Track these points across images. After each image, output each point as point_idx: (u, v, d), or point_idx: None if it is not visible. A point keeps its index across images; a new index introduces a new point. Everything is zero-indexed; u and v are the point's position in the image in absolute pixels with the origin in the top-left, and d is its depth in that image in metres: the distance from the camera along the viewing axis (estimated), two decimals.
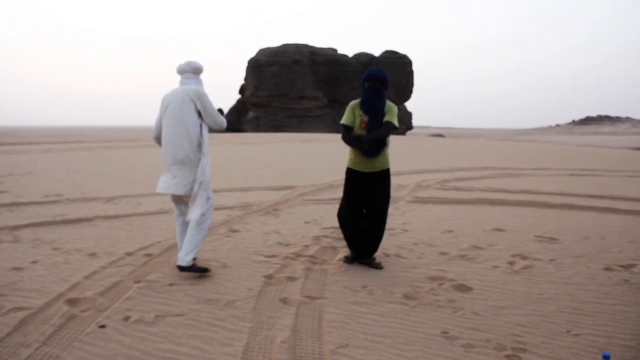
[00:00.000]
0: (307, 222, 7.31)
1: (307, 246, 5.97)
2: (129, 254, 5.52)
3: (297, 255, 5.58)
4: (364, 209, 5.33)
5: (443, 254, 5.78)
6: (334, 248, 5.92)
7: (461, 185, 11.42)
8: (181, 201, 5.10)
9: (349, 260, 5.35)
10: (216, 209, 8.06)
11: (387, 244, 6.13)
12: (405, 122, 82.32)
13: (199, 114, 4.94)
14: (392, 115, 5.14)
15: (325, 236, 6.48)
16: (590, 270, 5.28)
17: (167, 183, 4.91)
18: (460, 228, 7.10)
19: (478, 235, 6.69)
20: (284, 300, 4.22)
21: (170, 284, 4.58)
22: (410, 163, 17.38)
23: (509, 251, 5.91)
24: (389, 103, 5.21)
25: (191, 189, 4.87)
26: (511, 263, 5.47)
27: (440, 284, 4.72)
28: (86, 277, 4.73)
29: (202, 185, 4.86)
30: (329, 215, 7.79)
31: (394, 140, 35.91)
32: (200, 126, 4.94)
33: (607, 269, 5.34)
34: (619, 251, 6.04)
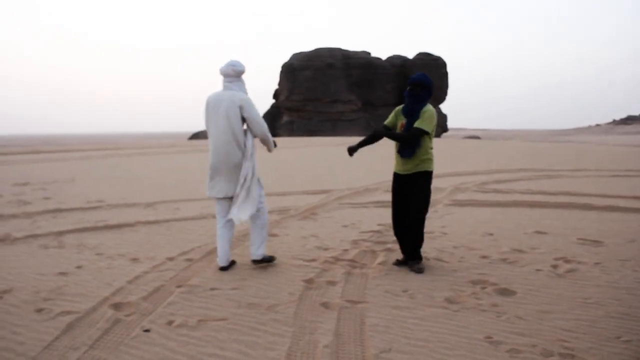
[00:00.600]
0: (345, 226, 7.30)
1: (346, 250, 5.96)
2: (170, 259, 5.60)
3: (337, 259, 5.57)
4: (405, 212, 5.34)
5: (484, 257, 5.69)
6: (373, 252, 5.89)
7: (500, 188, 11.24)
8: (229, 205, 5.25)
9: (398, 263, 5.37)
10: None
11: (427, 248, 6.07)
12: (441, 125, 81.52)
13: (244, 120, 5.11)
14: (422, 120, 5.13)
15: (364, 240, 6.47)
16: (638, 274, 5.12)
17: (221, 187, 5.15)
18: (500, 231, 6.99)
19: (519, 238, 6.57)
20: (325, 305, 4.21)
21: (212, 289, 4.63)
22: (447, 165, 17.20)
23: (552, 254, 5.78)
24: (426, 107, 5.20)
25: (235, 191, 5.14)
26: (554, 266, 5.35)
27: (483, 288, 4.65)
28: (129, 282, 4.82)
29: (245, 185, 5.06)
30: (367, 219, 7.77)
31: None
32: (245, 132, 5.14)
33: None
34: None
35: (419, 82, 5.18)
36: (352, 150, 5.43)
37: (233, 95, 5.06)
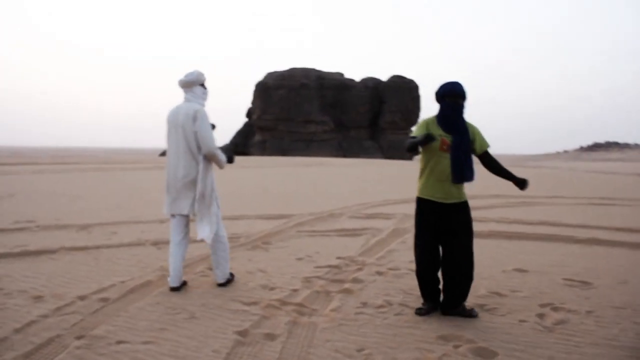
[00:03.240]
0: (299, 259, 6.37)
1: (295, 290, 5.03)
2: (82, 298, 4.60)
3: (282, 302, 4.64)
4: (440, 249, 4.50)
5: None
6: (327, 293, 4.98)
7: (473, 216, 10.43)
8: (184, 222, 5.08)
9: (422, 312, 4.43)
10: (196, 242, 7.14)
11: (391, 288, 5.19)
12: None
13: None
14: (482, 138, 4.47)
15: (318, 277, 5.55)
16: (639, 327, 4.31)
17: (175, 204, 4.96)
18: (476, 268, 6.10)
19: (497, 278, 5.74)
20: None
21: (119, 342, 3.65)
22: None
23: (536, 299, 4.95)
24: (470, 123, 4.47)
25: (199, 210, 4.91)
26: (541, 316, 4.51)
27: (456, 347, 3.77)
28: (17, 330, 3.82)
29: (205, 202, 4.89)
30: (326, 250, 6.86)
31: (400, 166, 35.04)
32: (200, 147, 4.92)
33: None
34: None
35: (462, 93, 4.36)
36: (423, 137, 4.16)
37: (189, 107, 4.91)
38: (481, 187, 18.25)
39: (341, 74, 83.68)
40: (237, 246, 6.97)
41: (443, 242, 4.46)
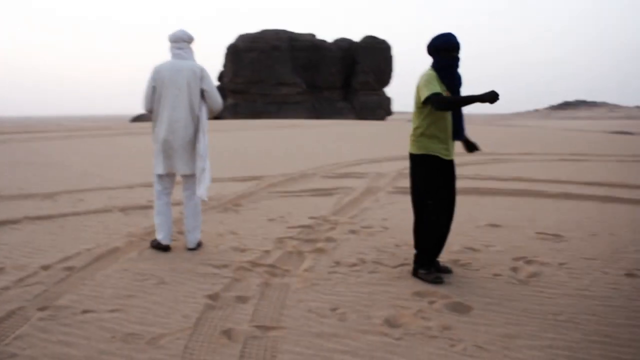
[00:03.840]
0: (271, 220, 6.27)
1: (267, 252, 4.93)
2: (45, 268, 4.42)
3: (254, 264, 4.54)
4: None
5: None
6: (300, 253, 4.90)
7: None
8: (173, 181, 5.08)
9: (441, 279, 4.17)
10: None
11: (364, 247, 5.13)
12: (385, 108, 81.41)
13: (202, 93, 4.85)
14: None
15: (290, 237, 5.45)
16: (610, 277, 4.34)
17: (172, 163, 4.86)
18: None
19: (471, 233, 5.72)
20: (228, 334, 3.18)
21: (85, 311, 3.51)
22: (390, 149, 16.38)
23: (510, 253, 4.94)
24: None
25: (196, 168, 4.84)
26: (514, 269, 4.51)
27: (431, 302, 3.74)
28: None
29: (205, 160, 4.82)
30: (298, 211, 6.76)
31: (373, 126, 34.93)
32: (200, 105, 4.87)
33: (629, 274, 4.41)
34: (636, 250, 5.13)
35: (458, 45, 4.11)
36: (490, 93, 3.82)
37: (193, 65, 4.81)
38: (455, 145, 18.29)
39: (313, 35, 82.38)
40: (208, 209, 6.82)
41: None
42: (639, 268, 4.57)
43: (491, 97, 3.75)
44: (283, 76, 76.26)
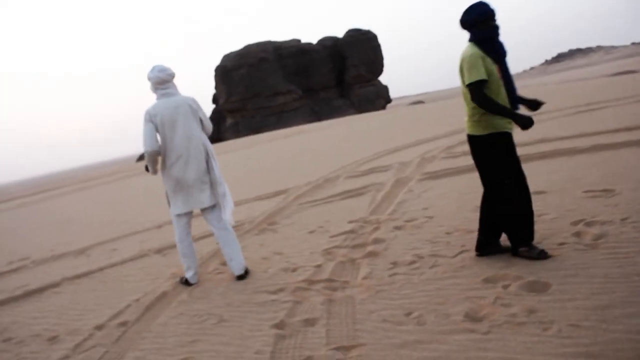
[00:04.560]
0: (311, 232, 6.10)
1: (319, 266, 4.76)
2: (99, 328, 4.29)
3: (310, 282, 4.37)
4: None
5: None
6: (353, 261, 4.72)
7: (468, 149, 10.19)
8: (190, 218, 5.03)
9: (545, 254, 3.93)
10: (201, 237, 6.83)
11: (416, 241, 4.94)
12: (384, 96, 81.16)
13: (201, 122, 4.93)
14: None
15: (337, 247, 5.28)
16: None
17: (193, 199, 4.82)
18: None
19: None
20: None
21: None
22: (405, 136, 16.16)
23: (566, 218, 4.73)
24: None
25: (217, 198, 4.88)
26: (578, 234, 4.29)
27: (505, 287, 3.55)
28: None
29: (223, 186, 4.88)
30: (335, 218, 6.59)
31: (376, 117, 34.71)
32: (202, 133, 4.93)
33: None
34: None
35: (493, 13, 3.90)
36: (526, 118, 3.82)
37: (186, 99, 4.84)
38: (463, 119, 18.03)
39: (298, 40, 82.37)
40: (243, 233, 6.67)
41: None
42: None
43: (527, 122, 3.74)
44: (276, 86, 76.26)
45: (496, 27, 3.91)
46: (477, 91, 3.83)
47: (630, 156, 6.85)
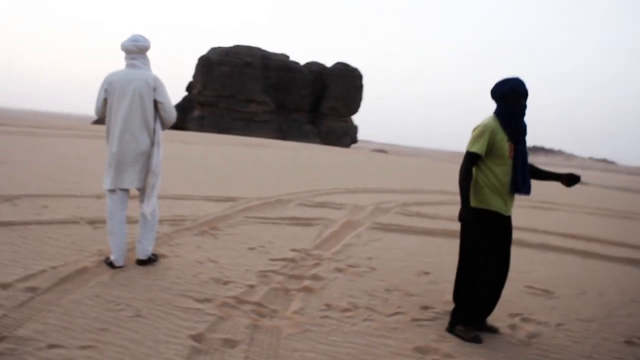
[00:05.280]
0: (251, 249, 5.91)
1: (252, 286, 4.58)
2: (5, 286, 3.96)
3: (239, 300, 4.19)
4: None
5: (426, 308, 4.54)
6: (286, 292, 4.56)
7: (423, 212, 10.27)
8: (126, 197, 4.82)
9: (478, 339, 3.89)
10: (133, 221, 6.53)
11: (354, 289, 4.84)
12: (352, 135, 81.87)
13: (155, 105, 4.69)
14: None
15: (274, 271, 5.11)
16: (610, 344, 4.18)
17: (122, 178, 4.68)
18: (437, 270, 5.89)
19: None
20: None
21: (50, 346, 3.10)
22: (363, 179, 16.21)
23: (504, 308, 4.72)
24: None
25: (145, 181, 4.73)
26: (513, 327, 4.30)
27: None
28: None
29: (156, 175, 4.70)
30: (278, 241, 6.42)
31: (341, 153, 34.88)
32: (155, 116, 4.73)
33: (629, 342, 4.27)
34: (628, 315, 5.00)
35: (526, 92, 3.90)
36: (471, 218, 3.91)
37: (145, 74, 4.62)
38: (424, 181, 18.28)
39: (287, 56, 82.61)
40: (182, 230, 6.41)
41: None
42: (635, 335, 4.42)
43: (464, 218, 3.86)
44: (253, 94, 75.94)
45: (523, 107, 3.90)
46: (465, 160, 3.87)
47: (574, 264, 7.00)
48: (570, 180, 4.04)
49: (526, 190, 3.95)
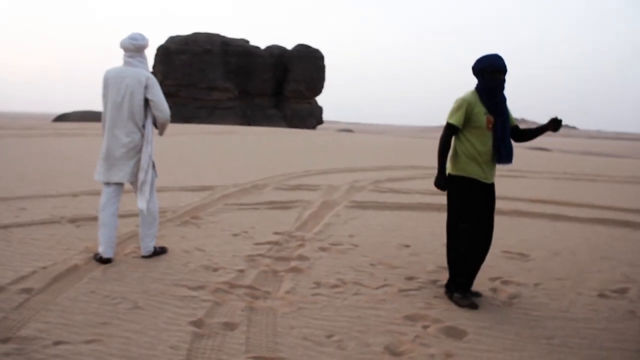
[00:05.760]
0: (235, 235, 6.02)
1: (242, 271, 4.70)
2: None
3: (231, 285, 4.31)
4: None
5: (410, 278, 4.73)
6: (275, 273, 4.70)
7: (397, 187, 10.51)
8: (119, 191, 4.93)
9: (474, 304, 4.08)
10: (122, 216, 6.57)
11: (340, 266, 5.00)
12: (317, 116, 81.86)
13: (146, 102, 4.79)
14: (510, 114, 4.24)
15: (261, 255, 5.24)
16: (585, 298, 4.44)
17: (110, 171, 4.79)
18: (417, 242, 6.10)
19: (440, 252, 5.68)
20: None
21: (56, 343, 3.18)
22: (334, 160, 16.37)
23: (485, 273, 4.93)
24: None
25: (136, 176, 4.82)
26: (494, 290, 4.53)
27: (425, 327, 3.66)
28: None
29: (147, 170, 4.79)
30: (260, 225, 6.54)
31: (308, 135, 34.97)
32: (146, 113, 4.83)
33: (601, 295, 4.53)
34: (599, 271, 5.29)
35: (504, 67, 4.08)
36: (444, 185, 4.19)
37: (138, 72, 4.76)
38: (393, 157, 18.55)
39: (246, 41, 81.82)
40: (164, 221, 6.47)
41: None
42: (607, 288, 4.70)
43: (439, 184, 4.15)
44: (214, 81, 75.18)
45: (501, 81, 4.10)
46: (444, 130, 4.12)
47: (545, 227, 7.30)
48: (554, 124, 4.16)
49: (508, 159, 4.18)
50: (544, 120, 5.21)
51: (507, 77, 4.14)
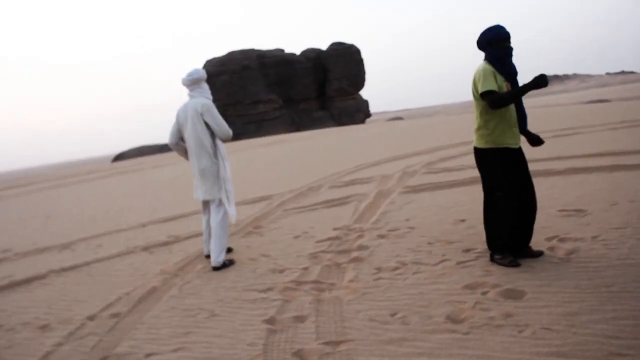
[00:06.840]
0: (296, 237, 6.30)
1: (306, 268, 4.97)
2: (91, 318, 4.42)
3: (298, 282, 4.58)
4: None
5: (467, 250, 4.86)
6: (338, 266, 4.94)
7: (449, 166, 10.55)
8: (206, 204, 5.65)
9: (515, 263, 4.26)
10: (187, 237, 7.00)
11: (399, 249, 5.18)
12: (364, 110, 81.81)
13: (207, 125, 5.34)
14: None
15: (323, 251, 5.49)
16: None
17: (196, 190, 5.54)
18: (472, 215, 6.19)
19: None
20: (300, 355, 3.22)
21: (148, 355, 3.53)
22: (385, 151, 16.48)
23: (541, 234, 5.01)
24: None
25: (213, 194, 5.41)
26: (552, 249, 4.58)
27: (484, 293, 3.80)
28: None
29: (227, 192, 5.43)
30: (319, 225, 6.80)
31: (356, 130, 35.10)
32: (212, 136, 5.39)
33: None
34: None
35: (508, 35, 4.24)
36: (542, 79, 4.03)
37: (196, 102, 5.34)
38: (444, 137, 18.45)
39: (282, 50, 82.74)
40: (229, 235, 6.82)
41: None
42: None
43: (541, 81, 3.92)
44: (257, 94, 76.41)
45: (510, 48, 4.25)
46: (491, 99, 4.11)
47: (601, 180, 7.21)
48: (533, 139, 4.39)
49: (524, 123, 4.36)
50: (596, 71, 5.22)
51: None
